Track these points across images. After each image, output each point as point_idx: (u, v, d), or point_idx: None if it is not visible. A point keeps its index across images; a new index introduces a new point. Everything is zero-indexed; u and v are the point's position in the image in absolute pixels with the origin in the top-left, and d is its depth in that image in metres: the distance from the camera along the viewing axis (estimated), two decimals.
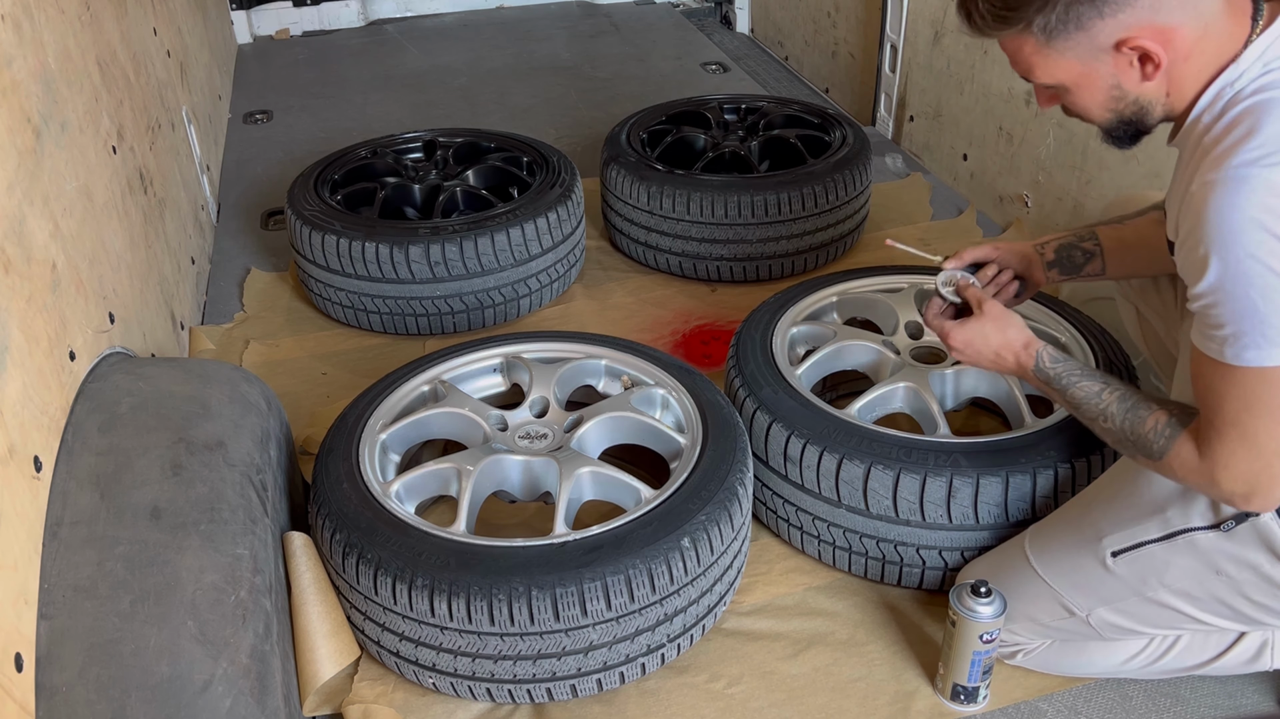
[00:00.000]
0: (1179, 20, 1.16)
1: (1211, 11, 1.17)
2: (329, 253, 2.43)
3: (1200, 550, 1.33)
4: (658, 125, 2.95)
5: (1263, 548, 1.29)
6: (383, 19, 5.09)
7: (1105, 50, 1.20)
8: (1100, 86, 1.25)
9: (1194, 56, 1.19)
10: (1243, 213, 1.09)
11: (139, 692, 1.15)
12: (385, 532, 1.51)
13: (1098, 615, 1.47)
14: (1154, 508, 1.37)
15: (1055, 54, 1.22)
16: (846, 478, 1.68)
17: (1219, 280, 1.13)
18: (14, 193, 1.38)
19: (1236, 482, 1.22)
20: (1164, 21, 1.16)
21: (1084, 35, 1.19)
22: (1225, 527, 1.30)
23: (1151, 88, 1.23)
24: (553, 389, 1.86)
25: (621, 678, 1.55)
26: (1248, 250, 1.10)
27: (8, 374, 1.21)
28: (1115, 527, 1.41)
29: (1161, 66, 1.19)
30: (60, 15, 1.80)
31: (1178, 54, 1.19)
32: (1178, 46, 1.18)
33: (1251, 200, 1.09)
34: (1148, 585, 1.40)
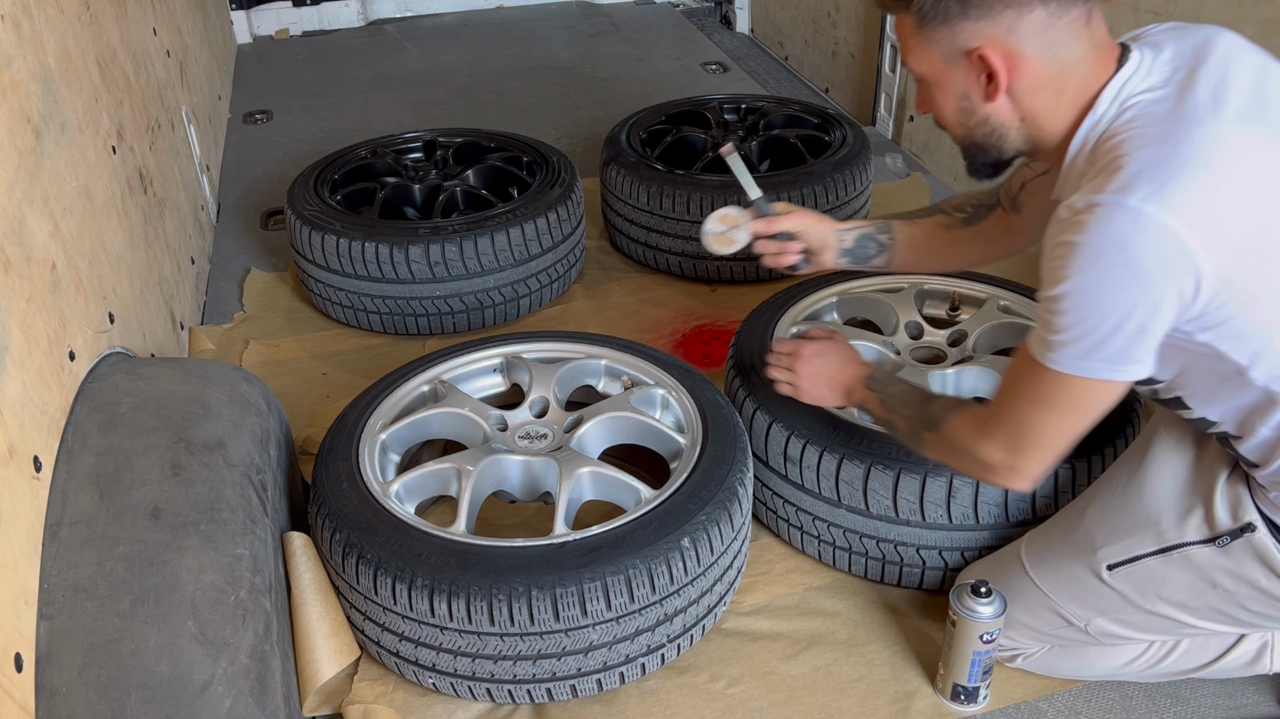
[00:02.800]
0: (1031, 50, 1.19)
1: (1070, 52, 1.19)
2: (329, 253, 2.43)
3: (1196, 565, 1.33)
4: (658, 125, 2.95)
5: (1259, 563, 1.28)
6: (382, 19, 5.09)
7: (960, 54, 1.22)
8: (953, 92, 1.27)
9: (1048, 92, 1.21)
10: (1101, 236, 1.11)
11: (139, 692, 1.15)
12: (385, 532, 1.51)
13: (1096, 625, 1.47)
14: (1147, 520, 1.38)
15: (925, 42, 1.24)
16: (846, 478, 1.68)
17: (1066, 293, 1.14)
18: (14, 193, 1.38)
19: (997, 452, 1.32)
20: (1015, 45, 1.19)
21: (948, 31, 1.21)
22: (1220, 542, 1.30)
23: (998, 109, 1.24)
24: (553, 389, 1.86)
25: (621, 678, 1.55)
26: (1098, 273, 1.12)
27: (7, 374, 1.21)
28: (1109, 539, 1.41)
29: (1001, 88, 1.21)
30: (60, 15, 1.80)
31: (1027, 82, 1.21)
32: (1025, 74, 1.20)
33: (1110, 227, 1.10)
34: (1145, 598, 1.39)
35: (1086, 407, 1.23)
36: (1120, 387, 1.20)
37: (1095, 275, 1.12)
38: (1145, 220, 1.08)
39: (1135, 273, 1.10)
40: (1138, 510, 1.39)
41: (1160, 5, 2.26)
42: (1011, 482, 1.33)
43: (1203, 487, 1.33)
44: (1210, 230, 1.09)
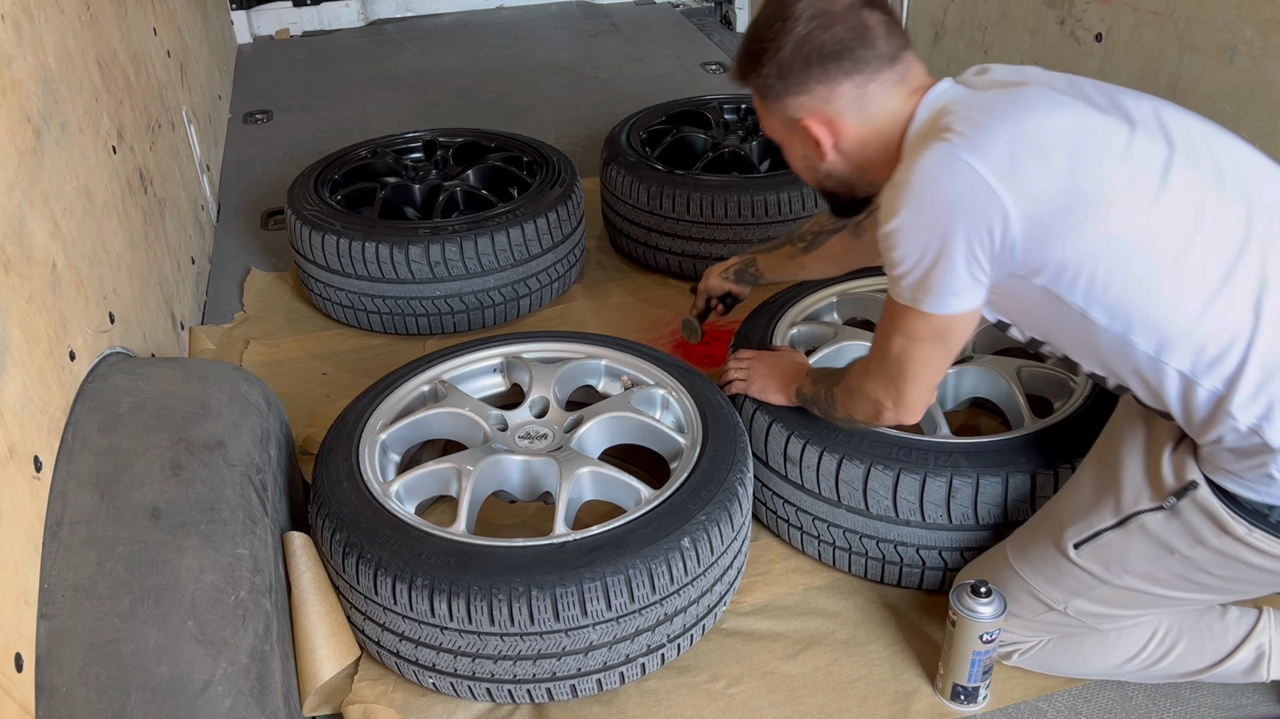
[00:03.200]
0: (847, 116, 1.39)
1: (884, 108, 1.38)
2: (329, 253, 2.43)
3: (1151, 533, 1.36)
4: (658, 125, 2.95)
5: (1206, 520, 1.30)
6: (383, 19, 5.10)
7: (793, 123, 1.43)
8: (796, 155, 1.49)
9: (874, 143, 1.40)
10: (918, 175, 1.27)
11: (139, 692, 1.15)
12: (385, 532, 1.51)
13: (1074, 606, 1.49)
14: (1105, 495, 1.41)
15: (768, 113, 1.46)
16: (846, 478, 1.68)
17: (893, 229, 1.30)
18: (14, 193, 1.38)
19: (875, 386, 1.48)
20: (833, 113, 1.39)
21: (779, 105, 1.42)
22: (1167, 504, 1.34)
23: (835, 164, 1.45)
24: (553, 389, 1.86)
25: (621, 678, 1.55)
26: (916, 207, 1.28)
27: (8, 374, 1.21)
28: (1074, 519, 1.45)
29: (827, 150, 1.42)
30: (60, 15, 1.80)
31: (849, 141, 1.41)
32: (845, 135, 1.40)
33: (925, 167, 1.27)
34: (1111, 572, 1.42)
35: (935, 337, 1.37)
36: (960, 319, 1.34)
37: (914, 210, 1.28)
38: (954, 161, 1.25)
39: (946, 206, 1.26)
40: (1098, 488, 1.43)
41: (1160, 5, 2.26)
42: (900, 414, 1.48)
43: (1153, 458, 1.37)
44: (1012, 175, 1.23)
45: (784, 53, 1.37)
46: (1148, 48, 2.29)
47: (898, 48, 1.37)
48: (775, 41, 1.38)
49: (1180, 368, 1.25)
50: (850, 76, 1.36)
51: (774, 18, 1.39)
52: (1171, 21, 2.23)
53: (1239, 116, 2.10)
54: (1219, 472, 1.29)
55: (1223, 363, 1.23)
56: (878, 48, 1.36)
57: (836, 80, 1.36)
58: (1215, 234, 1.23)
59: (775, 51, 1.38)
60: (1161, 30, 2.25)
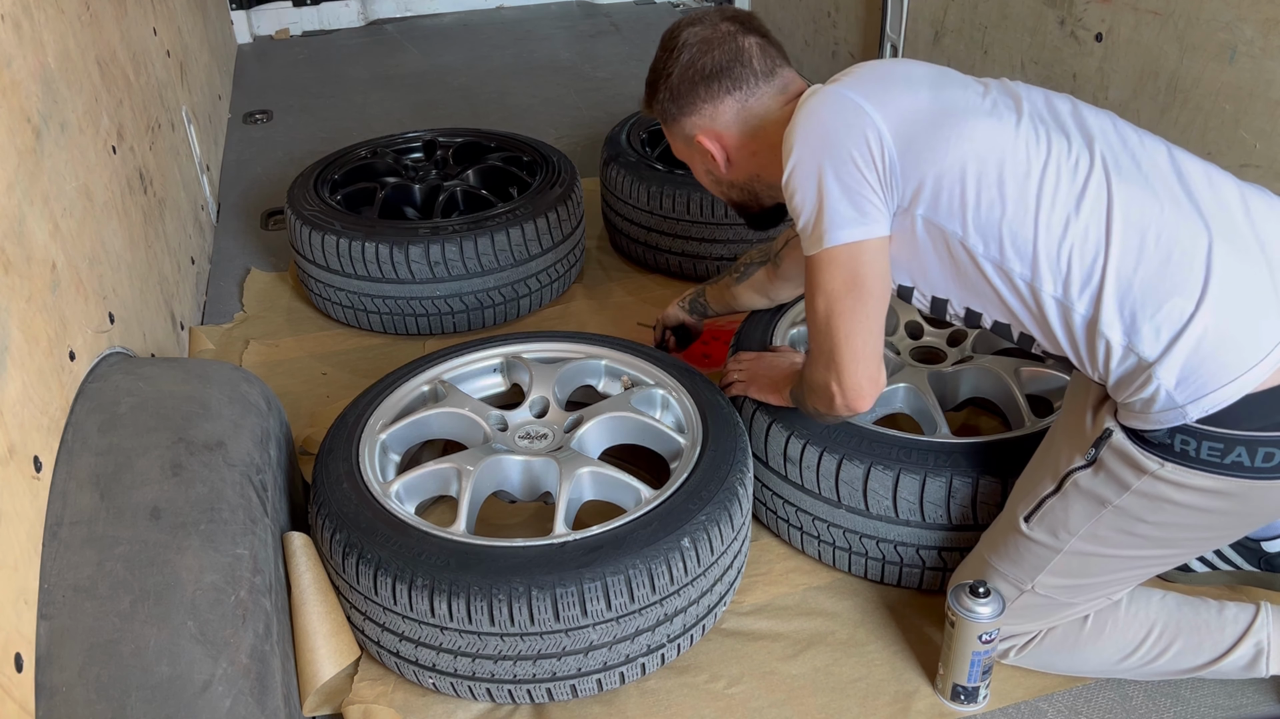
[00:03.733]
0: (734, 130, 1.56)
1: (768, 117, 1.54)
2: (329, 253, 2.43)
3: (1083, 489, 1.39)
4: (658, 125, 2.94)
5: (1125, 465, 1.34)
6: (383, 19, 5.10)
7: (690, 141, 1.60)
8: (700, 170, 1.66)
9: (763, 151, 1.54)
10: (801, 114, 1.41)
11: (139, 692, 1.15)
12: (385, 532, 1.51)
13: (1042, 583, 1.50)
14: (1046, 465, 1.46)
15: (670, 135, 1.64)
16: (846, 478, 1.68)
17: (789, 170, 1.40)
18: (14, 193, 1.38)
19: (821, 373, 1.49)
20: (720, 128, 1.57)
21: (677, 126, 1.60)
22: (1089, 456, 1.38)
23: (734, 174, 1.61)
24: (553, 389, 1.86)
25: (621, 678, 1.55)
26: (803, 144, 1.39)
27: (7, 374, 1.21)
28: (1023, 493, 1.50)
29: (719, 160, 1.59)
30: (60, 15, 1.80)
31: (738, 152, 1.58)
32: (733, 146, 1.57)
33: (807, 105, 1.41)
34: (1059, 538, 1.44)
35: (849, 281, 1.40)
36: (865, 250, 1.39)
37: (798, 147, 1.39)
38: (826, 94, 1.41)
39: (822, 131, 1.38)
40: (1040, 461, 1.49)
41: (1160, 5, 2.26)
42: (847, 397, 1.47)
43: (1078, 418, 1.43)
44: (880, 97, 1.38)
45: (673, 78, 1.56)
46: (1148, 47, 2.29)
47: (773, 64, 1.55)
48: (666, 69, 1.57)
49: (1054, 294, 1.33)
50: (731, 93, 1.54)
51: (664, 49, 1.58)
52: (1171, 21, 2.23)
53: (1239, 116, 2.10)
54: (1127, 415, 1.33)
55: (1088, 285, 1.31)
56: (754, 66, 1.54)
57: (720, 98, 1.54)
58: (1064, 162, 1.34)
59: (667, 78, 1.57)
60: (1161, 30, 2.25)
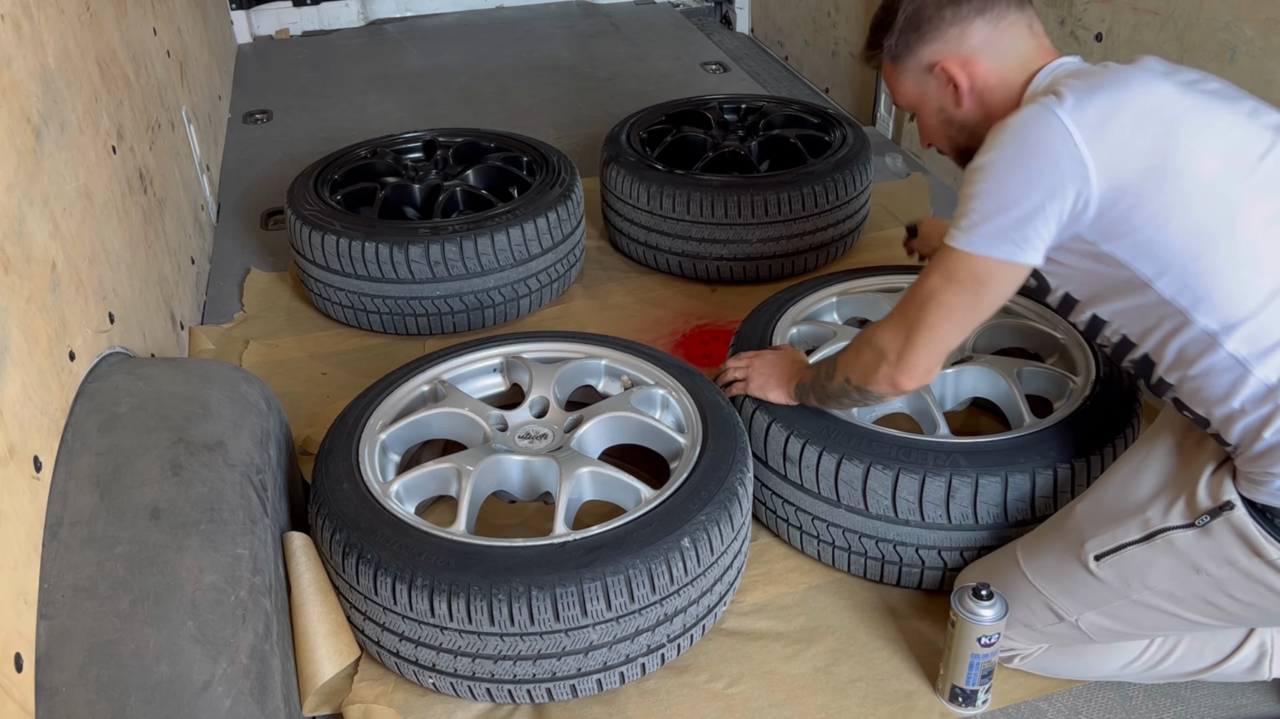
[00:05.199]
0: (980, 55, 1.43)
1: (1014, 51, 1.43)
2: (329, 253, 2.43)
3: (1179, 550, 1.34)
4: (658, 125, 2.95)
5: (1239, 542, 1.29)
6: (382, 19, 5.09)
7: (927, 73, 1.47)
8: (931, 109, 1.51)
9: (1001, 89, 1.44)
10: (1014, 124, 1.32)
11: (139, 692, 1.15)
12: (385, 531, 1.51)
13: (1087, 619, 1.47)
14: (1133, 509, 1.39)
15: (901, 75, 1.50)
16: (846, 478, 1.68)
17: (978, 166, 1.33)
18: (13, 193, 1.38)
19: (891, 335, 1.48)
20: (966, 52, 1.44)
21: (913, 59, 1.48)
22: (1200, 522, 1.32)
23: (969, 111, 1.47)
24: (553, 389, 1.86)
25: (621, 678, 1.55)
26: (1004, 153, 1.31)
27: (7, 374, 1.21)
28: (1097, 530, 1.43)
29: (963, 89, 1.45)
30: (60, 15, 1.80)
31: (981, 82, 1.44)
32: (978, 75, 1.44)
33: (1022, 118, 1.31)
34: (1131, 588, 1.40)
35: (973, 284, 1.37)
36: (1007, 272, 1.34)
37: (1004, 151, 1.31)
38: (1049, 116, 1.29)
39: (1033, 155, 1.29)
40: (1125, 501, 1.41)
41: (1160, 5, 2.26)
42: (897, 371, 1.47)
43: (1188, 476, 1.35)
44: (1101, 139, 1.27)
45: (913, 5, 1.45)
46: (1148, 47, 2.29)
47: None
48: (901, 3, 1.46)
49: (1236, 352, 1.25)
50: (982, 14, 1.42)
51: None
52: (1171, 21, 2.23)
53: None
54: (1253, 488, 1.27)
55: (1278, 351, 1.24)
56: None
57: (969, 19, 1.42)
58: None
59: (904, 7, 1.46)
60: (1162, 30, 2.25)
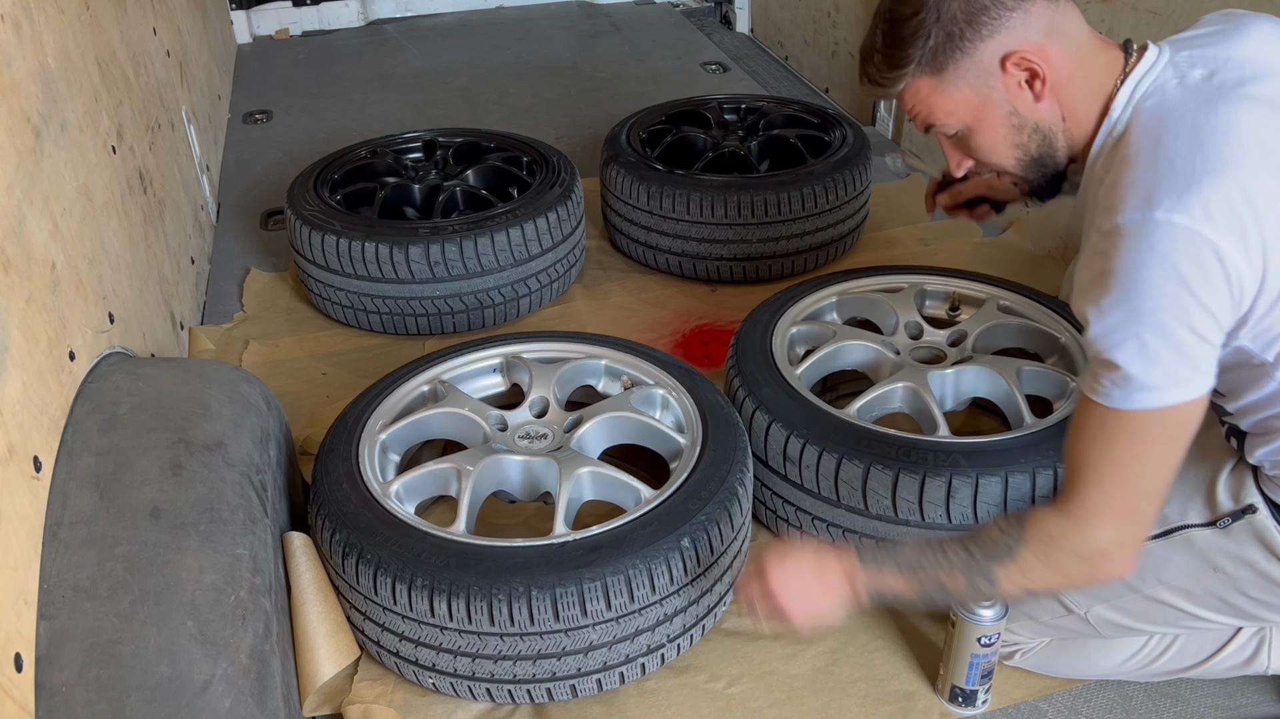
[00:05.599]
0: (1052, 40, 1.18)
1: (1081, 37, 1.20)
2: (329, 253, 2.43)
3: (1197, 547, 1.34)
4: (658, 125, 2.95)
5: (1259, 545, 1.29)
6: (382, 19, 5.09)
7: (993, 74, 1.20)
8: (998, 115, 1.23)
9: (1077, 79, 1.20)
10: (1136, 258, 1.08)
11: (139, 692, 1.15)
12: (385, 531, 1.51)
13: (1096, 613, 1.47)
14: None
15: (949, 87, 1.22)
16: (845, 478, 1.68)
17: (1115, 325, 1.11)
18: (13, 193, 1.38)
19: (1108, 528, 1.18)
20: (1038, 40, 1.18)
21: (970, 61, 1.19)
22: (1221, 524, 1.31)
23: (1045, 110, 1.22)
24: (552, 389, 1.86)
25: (621, 678, 1.55)
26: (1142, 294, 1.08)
27: (7, 374, 1.21)
28: None
29: (1048, 82, 1.19)
30: (60, 15, 1.80)
31: (1059, 73, 1.20)
32: (1056, 64, 1.19)
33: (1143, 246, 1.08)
34: (1145, 582, 1.40)
35: (1178, 435, 1.15)
36: (1201, 401, 1.13)
37: (1139, 296, 1.08)
38: (1177, 231, 1.06)
39: (1179, 285, 1.07)
40: None
41: (1160, 5, 2.26)
42: (1122, 560, 1.20)
43: (1207, 473, 1.34)
44: (1240, 232, 1.06)
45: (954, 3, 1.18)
46: None
47: None
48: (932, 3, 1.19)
49: None
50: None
51: None
52: (1172, 21, 2.23)
53: None
54: (1275, 488, 1.27)
55: None
56: None
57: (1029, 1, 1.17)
58: None
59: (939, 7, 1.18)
60: (1162, 30, 2.25)
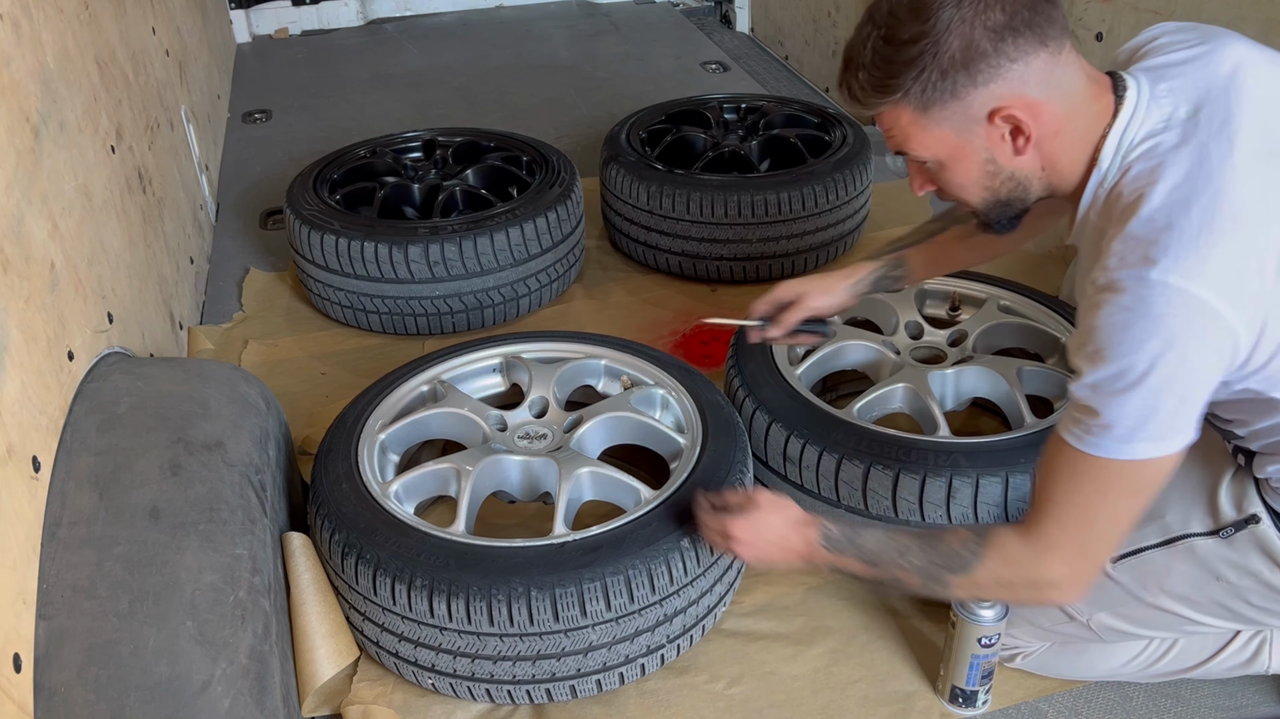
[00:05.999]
0: (1046, 95, 1.15)
1: (1076, 91, 1.17)
2: (328, 252, 2.43)
3: (1200, 556, 1.34)
4: (658, 125, 2.95)
5: (1262, 555, 1.29)
6: (382, 18, 5.09)
7: (979, 121, 1.17)
8: (975, 160, 1.22)
9: (1064, 134, 1.19)
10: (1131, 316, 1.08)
11: (138, 692, 1.15)
12: (385, 532, 1.51)
13: (1098, 620, 1.47)
14: (1152, 513, 1.38)
15: (931, 124, 1.19)
16: (846, 478, 1.68)
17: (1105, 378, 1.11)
18: (12, 192, 1.38)
19: (1061, 564, 1.21)
20: (1033, 95, 1.15)
21: (958, 105, 1.16)
22: (1224, 533, 1.31)
23: (1025, 162, 1.21)
24: (552, 389, 1.86)
25: (621, 679, 1.55)
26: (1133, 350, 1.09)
27: (6, 374, 1.21)
28: None
29: (1031, 139, 1.18)
30: (59, 14, 1.80)
31: (1046, 129, 1.17)
32: (1046, 121, 1.17)
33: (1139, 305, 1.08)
34: (1147, 590, 1.40)
35: (1144, 488, 1.17)
36: (1174, 458, 1.15)
37: (1130, 354, 1.08)
38: (1173, 293, 1.06)
39: (1171, 347, 1.07)
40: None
41: (1160, 5, 2.26)
42: (1071, 592, 1.25)
43: (1208, 481, 1.34)
44: (1238, 291, 1.06)
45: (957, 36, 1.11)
46: None
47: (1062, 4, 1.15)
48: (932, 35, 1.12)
49: None
50: (1044, 44, 1.12)
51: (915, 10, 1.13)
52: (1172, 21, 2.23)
53: None
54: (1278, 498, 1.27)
55: None
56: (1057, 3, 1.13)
57: (1033, 52, 1.12)
58: None
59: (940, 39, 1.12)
60: None
